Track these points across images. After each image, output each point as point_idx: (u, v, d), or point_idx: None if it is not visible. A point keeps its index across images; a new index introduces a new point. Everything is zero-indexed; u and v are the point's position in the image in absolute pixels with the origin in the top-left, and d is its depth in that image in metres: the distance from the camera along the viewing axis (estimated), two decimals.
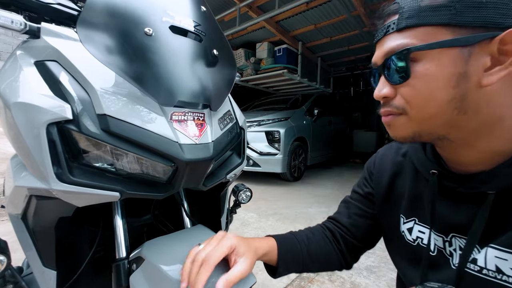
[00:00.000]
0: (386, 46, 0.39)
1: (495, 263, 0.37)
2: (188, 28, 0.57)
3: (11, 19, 0.49)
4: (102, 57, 0.48)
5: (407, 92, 0.38)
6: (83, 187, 0.47)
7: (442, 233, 0.46)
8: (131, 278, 0.52)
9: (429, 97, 0.36)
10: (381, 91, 0.41)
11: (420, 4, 0.35)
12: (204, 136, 0.56)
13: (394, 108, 0.40)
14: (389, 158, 0.59)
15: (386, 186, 0.57)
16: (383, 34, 0.39)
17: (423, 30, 0.35)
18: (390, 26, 0.38)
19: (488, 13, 0.31)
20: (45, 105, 0.45)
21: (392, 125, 0.42)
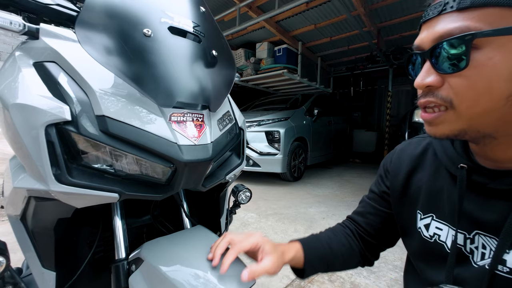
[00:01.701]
0: (439, 27, 0.34)
1: None
2: (187, 29, 0.57)
3: (10, 20, 0.49)
4: (101, 58, 0.48)
5: (459, 83, 0.33)
6: (82, 188, 0.47)
7: (464, 229, 0.44)
8: (131, 279, 0.52)
9: (486, 91, 0.32)
10: (425, 79, 0.36)
11: None
12: (203, 137, 0.56)
13: (439, 99, 0.35)
14: (407, 153, 0.57)
15: (403, 181, 0.56)
16: (438, 12, 0.34)
17: (491, 12, 0.30)
18: (449, 4, 0.33)
19: None
20: (43, 106, 0.45)
21: (435, 122, 0.37)
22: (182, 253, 0.54)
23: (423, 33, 0.38)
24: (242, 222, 2.29)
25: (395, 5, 3.77)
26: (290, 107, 4.43)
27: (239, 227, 2.19)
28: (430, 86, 0.36)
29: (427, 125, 0.39)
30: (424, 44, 0.37)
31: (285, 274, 1.49)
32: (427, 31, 0.36)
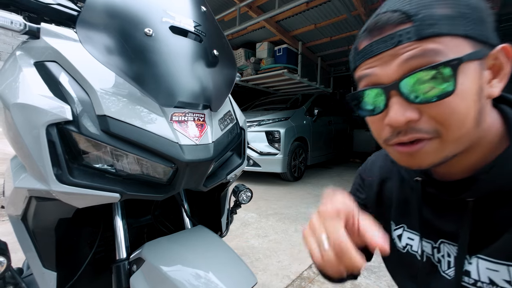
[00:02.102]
0: (405, 55, 0.31)
1: (487, 275, 0.36)
2: (188, 28, 0.57)
3: (10, 19, 0.49)
4: (102, 58, 0.48)
5: (443, 111, 0.31)
6: (83, 188, 0.46)
7: (431, 239, 0.45)
8: (132, 279, 0.52)
9: (466, 114, 0.32)
10: (404, 114, 0.32)
11: (437, 12, 0.30)
12: (205, 137, 0.55)
13: (424, 133, 0.33)
14: (378, 164, 0.58)
15: (376, 192, 0.56)
16: (393, 44, 0.32)
17: (447, 40, 0.30)
18: (402, 36, 0.31)
19: (486, 29, 0.32)
20: (44, 106, 0.44)
21: (420, 153, 0.34)
22: (183, 253, 0.54)
23: (375, 67, 0.35)
24: (242, 222, 2.29)
25: None
26: (290, 107, 4.42)
27: (240, 227, 2.19)
28: (410, 121, 0.33)
29: (408, 157, 0.36)
30: (383, 77, 0.34)
31: (286, 274, 1.49)
32: (383, 64, 0.34)
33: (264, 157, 3.60)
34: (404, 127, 0.33)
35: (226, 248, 0.59)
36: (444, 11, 0.30)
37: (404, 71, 0.32)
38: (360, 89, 0.37)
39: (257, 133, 3.66)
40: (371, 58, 0.35)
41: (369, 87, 0.35)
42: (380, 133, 0.38)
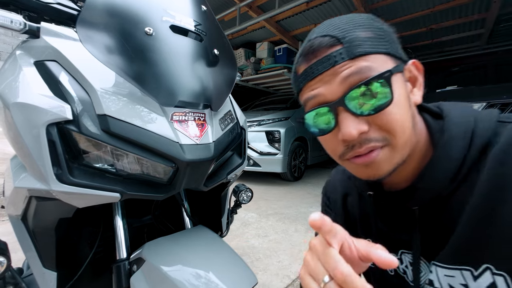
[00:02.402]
0: (344, 74, 0.34)
1: (447, 282, 0.37)
2: (189, 27, 0.57)
3: (10, 18, 0.49)
4: (102, 57, 0.48)
5: (386, 119, 0.34)
6: (83, 188, 0.46)
7: (392, 251, 0.45)
8: (132, 279, 0.52)
9: (405, 119, 0.35)
10: (356, 128, 0.34)
11: (360, 35, 0.35)
12: (205, 137, 0.55)
13: (375, 142, 0.35)
14: (338, 181, 0.58)
15: (341, 208, 0.56)
16: (330, 65, 0.35)
17: (375, 57, 0.35)
18: (337, 57, 0.34)
19: (398, 48, 0.38)
20: (44, 106, 0.44)
21: (376, 162, 0.36)
22: (183, 253, 0.54)
23: (319, 88, 0.37)
24: (242, 222, 2.29)
25: (395, 4, 3.76)
26: (290, 107, 4.42)
27: (240, 227, 2.19)
28: (362, 133, 0.35)
29: (365, 169, 0.37)
30: (328, 95, 0.36)
31: (286, 274, 1.49)
32: (326, 84, 0.36)
33: (264, 157, 3.60)
34: (358, 139, 0.35)
35: (227, 248, 0.59)
36: (365, 34, 0.35)
37: (346, 87, 0.35)
38: (310, 109, 0.39)
39: (257, 133, 3.66)
40: (313, 80, 0.37)
41: (317, 106, 0.37)
42: (335, 150, 0.39)
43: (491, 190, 0.33)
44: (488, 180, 0.34)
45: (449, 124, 0.38)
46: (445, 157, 0.37)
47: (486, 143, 0.36)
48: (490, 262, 0.33)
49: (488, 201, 0.33)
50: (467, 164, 0.36)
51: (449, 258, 0.37)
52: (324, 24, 0.39)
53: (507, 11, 3.61)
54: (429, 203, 0.39)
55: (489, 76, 2.97)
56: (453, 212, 0.37)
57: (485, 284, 0.33)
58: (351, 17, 0.37)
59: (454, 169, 0.36)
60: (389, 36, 0.37)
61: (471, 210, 0.34)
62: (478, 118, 0.38)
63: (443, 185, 0.37)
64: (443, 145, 0.37)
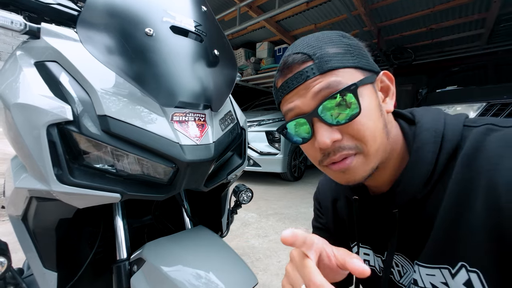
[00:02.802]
0: (315, 88, 0.37)
1: (429, 281, 0.39)
2: (189, 28, 0.57)
3: (10, 19, 0.49)
4: (103, 58, 0.48)
5: (357, 128, 0.37)
6: (84, 188, 0.46)
7: (379, 253, 0.48)
8: (132, 279, 0.52)
9: (375, 128, 0.37)
10: (329, 137, 0.37)
11: (329, 51, 0.38)
12: (205, 137, 0.55)
13: (348, 150, 0.38)
14: (327, 186, 0.60)
15: (331, 213, 0.58)
16: (303, 80, 0.38)
17: (343, 71, 0.37)
18: (308, 72, 0.37)
19: (369, 61, 0.40)
20: (45, 106, 0.44)
21: (351, 168, 0.39)
22: (183, 253, 0.54)
23: (295, 101, 0.40)
24: (242, 222, 2.29)
25: (395, 4, 3.76)
26: None
27: (240, 227, 2.19)
28: (335, 141, 0.38)
29: (342, 174, 0.40)
30: (303, 107, 0.39)
31: None
32: (300, 97, 0.39)
33: (264, 157, 3.60)
34: (332, 147, 0.38)
35: (227, 248, 0.59)
36: (334, 50, 0.38)
37: (318, 100, 0.38)
38: (287, 120, 0.42)
39: (257, 133, 3.66)
40: (289, 93, 0.40)
41: (294, 117, 0.40)
42: (314, 157, 0.42)
43: (458, 195, 0.35)
44: (456, 184, 0.36)
45: (421, 130, 0.40)
46: (417, 162, 0.39)
47: (455, 146, 0.38)
48: (464, 260, 0.35)
49: (457, 205, 0.35)
50: (439, 167, 0.38)
51: (428, 257, 0.39)
52: (298, 41, 0.42)
53: (507, 11, 3.61)
54: (407, 206, 0.41)
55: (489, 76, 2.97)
56: (429, 214, 0.39)
57: (462, 280, 0.35)
58: (322, 35, 0.40)
59: (426, 173, 0.38)
60: (357, 50, 0.40)
61: (443, 212, 0.37)
62: (446, 123, 0.40)
63: (417, 188, 0.39)
64: (416, 151, 0.39)
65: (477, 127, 0.37)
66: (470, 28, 4.15)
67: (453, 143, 0.38)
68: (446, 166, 0.38)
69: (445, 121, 0.40)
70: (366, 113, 0.37)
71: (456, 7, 3.57)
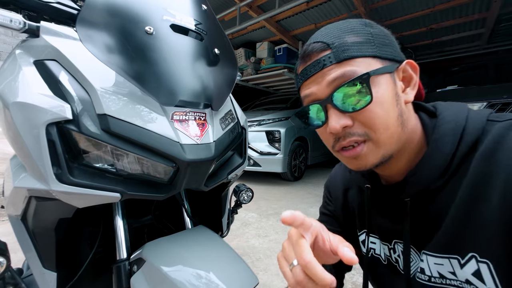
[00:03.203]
0: (331, 77, 0.38)
1: (436, 270, 0.40)
2: (189, 26, 0.57)
3: (10, 17, 0.48)
4: (103, 56, 0.48)
5: (367, 116, 0.38)
6: (83, 188, 0.46)
7: (386, 241, 0.49)
8: (132, 279, 0.52)
9: (387, 117, 0.38)
10: (339, 122, 0.39)
11: (348, 41, 0.38)
12: (206, 136, 0.55)
13: (357, 136, 0.39)
14: (340, 176, 0.62)
15: (341, 202, 0.59)
16: (320, 68, 0.39)
17: (360, 61, 0.38)
18: (325, 60, 0.39)
19: (391, 50, 0.40)
20: (44, 105, 0.44)
21: (361, 155, 0.40)
22: (184, 253, 0.53)
23: (312, 87, 0.41)
24: (243, 222, 2.29)
25: (395, 4, 3.76)
26: (290, 106, 4.42)
27: (240, 227, 2.18)
28: (345, 127, 0.39)
29: (354, 160, 0.41)
30: (319, 94, 0.41)
31: None
32: (317, 84, 0.41)
33: (265, 156, 3.60)
34: (342, 133, 0.40)
35: (227, 248, 0.59)
36: (353, 39, 0.39)
37: (333, 88, 0.39)
38: (304, 106, 0.44)
39: (257, 133, 3.66)
40: (307, 80, 0.42)
41: (311, 103, 0.42)
42: (328, 142, 0.43)
43: (475, 187, 0.36)
44: (474, 176, 0.36)
45: (442, 122, 0.41)
46: (435, 153, 0.39)
47: (475, 140, 0.38)
48: (475, 250, 0.36)
49: (472, 196, 0.36)
50: (457, 160, 0.38)
51: (438, 247, 0.40)
52: (320, 31, 0.43)
53: (508, 11, 3.60)
54: (420, 196, 0.41)
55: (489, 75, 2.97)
56: (442, 205, 0.39)
57: (471, 271, 0.36)
58: (344, 24, 0.41)
59: (443, 164, 0.39)
60: (379, 39, 0.40)
61: (458, 203, 0.37)
62: (469, 117, 0.40)
63: (433, 179, 0.39)
64: (434, 142, 0.40)
65: (501, 122, 0.37)
66: (471, 27, 4.15)
67: (473, 136, 0.38)
68: (464, 158, 0.38)
69: (468, 115, 0.40)
70: (378, 102, 0.37)
71: (456, 7, 3.57)
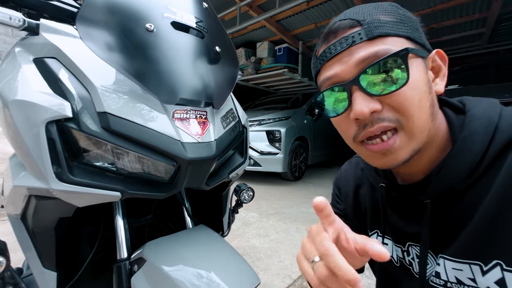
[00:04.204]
0: (361, 55, 0.34)
1: (454, 275, 0.37)
2: (190, 24, 0.56)
3: (9, 15, 0.48)
4: (103, 54, 0.47)
5: (400, 100, 0.33)
6: (84, 186, 0.46)
7: (400, 243, 0.46)
8: (133, 279, 0.51)
9: (421, 103, 0.34)
10: (368, 106, 0.34)
11: (381, 18, 0.35)
12: (207, 135, 0.55)
13: (388, 122, 0.34)
14: (350, 173, 0.58)
15: (352, 200, 0.56)
16: (348, 45, 0.35)
17: (393, 40, 0.34)
18: (355, 37, 0.35)
19: (422, 36, 0.37)
20: (44, 103, 0.44)
21: (393, 149, 0.35)
22: (184, 253, 0.53)
23: (335, 68, 0.37)
24: (243, 222, 2.29)
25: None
26: (290, 106, 4.41)
27: (240, 227, 2.18)
28: (373, 112, 0.34)
29: (382, 156, 0.36)
30: (343, 75, 0.36)
31: (287, 274, 1.48)
32: (342, 64, 0.36)
33: (265, 156, 3.60)
34: (369, 118, 0.35)
35: (228, 247, 0.58)
36: (386, 18, 0.35)
37: (362, 68, 0.34)
38: (324, 89, 0.38)
39: (258, 133, 3.65)
40: (331, 60, 0.37)
41: (332, 85, 0.37)
42: (348, 132, 0.39)
43: (508, 188, 0.32)
44: (507, 177, 0.33)
45: (471, 119, 0.37)
46: (463, 152, 0.36)
47: (510, 139, 0.34)
48: (501, 258, 0.33)
49: (504, 199, 0.32)
50: (487, 160, 0.34)
51: (459, 252, 0.36)
52: (345, 11, 0.39)
53: (509, 10, 3.59)
54: (442, 197, 0.38)
55: (490, 75, 2.97)
56: (467, 207, 0.36)
57: (494, 279, 0.33)
58: (373, 4, 0.37)
59: (472, 164, 0.35)
60: (412, 22, 0.36)
61: (488, 205, 0.34)
62: (502, 114, 0.36)
63: (459, 179, 0.36)
64: (463, 139, 0.36)
65: None
66: (471, 27, 4.14)
67: (507, 134, 0.34)
68: (496, 158, 0.34)
69: (501, 112, 0.36)
70: (413, 85, 0.33)
71: (457, 6, 3.56)
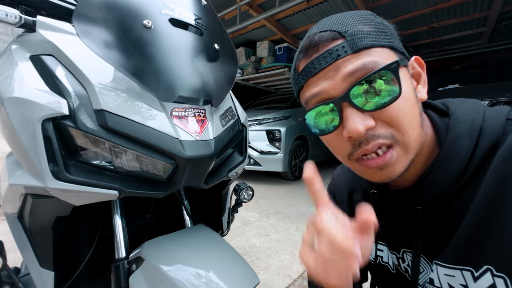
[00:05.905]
0: (347, 69, 0.33)
1: (447, 281, 0.37)
2: (189, 21, 0.56)
3: (5, 12, 0.48)
4: (100, 51, 0.47)
5: (393, 114, 0.32)
6: (81, 185, 0.45)
7: (394, 250, 0.46)
8: (131, 279, 0.51)
9: (412, 115, 0.34)
10: (362, 123, 0.32)
11: (363, 29, 0.34)
12: (205, 133, 0.54)
13: (383, 139, 0.33)
14: (343, 179, 0.57)
15: (347, 206, 0.55)
16: (333, 59, 0.33)
17: (378, 51, 0.33)
18: (339, 50, 0.33)
19: (400, 43, 0.37)
20: (40, 100, 0.43)
21: (390, 164, 0.34)
22: (183, 252, 0.52)
23: (321, 84, 0.35)
24: (243, 221, 2.28)
25: (396, 3, 3.74)
26: (290, 106, 4.41)
27: (240, 226, 2.18)
28: (368, 129, 0.33)
29: (379, 171, 0.35)
30: (331, 91, 0.34)
31: (287, 273, 1.47)
32: (328, 79, 0.34)
33: (265, 156, 3.59)
34: (364, 136, 0.33)
35: (228, 247, 0.58)
36: (367, 28, 0.34)
37: (351, 83, 0.33)
38: (312, 106, 0.36)
39: (258, 132, 3.65)
40: (315, 76, 0.35)
41: (320, 103, 0.35)
42: (341, 149, 0.37)
43: (494, 192, 0.32)
44: (492, 181, 0.32)
45: (456, 122, 0.37)
46: (450, 157, 0.35)
47: (495, 142, 0.34)
48: (491, 263, 0.32)
49: (491, 203, 0.32)
50: (474, 163, 0.34)
51: (450, 257, 0.36)
52: (322, 21, 0.37)
53: (509, 9, 3.59)
54: (433, 203, 0.38)
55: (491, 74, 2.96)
56: (456, 212, 0.36)
57: (485, 285, 0.32)
58: (350, 13, 0.36)
59: (459, 169, 0.35)
60: (390, 30, 0.36)
61: (474, 211, 0.33)
62: (486, 115, 0.36)
63: (447, 185, 0.35)
64: (449, 144, 0.36)
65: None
66: (472, 26, 4.13)
67: (492, 137, 0.34)
68: (482, 162, 0.34)
69: (484, 113, 0.36)
70: (405, 97, 0.32)
71: (457, 6, 3.55)
